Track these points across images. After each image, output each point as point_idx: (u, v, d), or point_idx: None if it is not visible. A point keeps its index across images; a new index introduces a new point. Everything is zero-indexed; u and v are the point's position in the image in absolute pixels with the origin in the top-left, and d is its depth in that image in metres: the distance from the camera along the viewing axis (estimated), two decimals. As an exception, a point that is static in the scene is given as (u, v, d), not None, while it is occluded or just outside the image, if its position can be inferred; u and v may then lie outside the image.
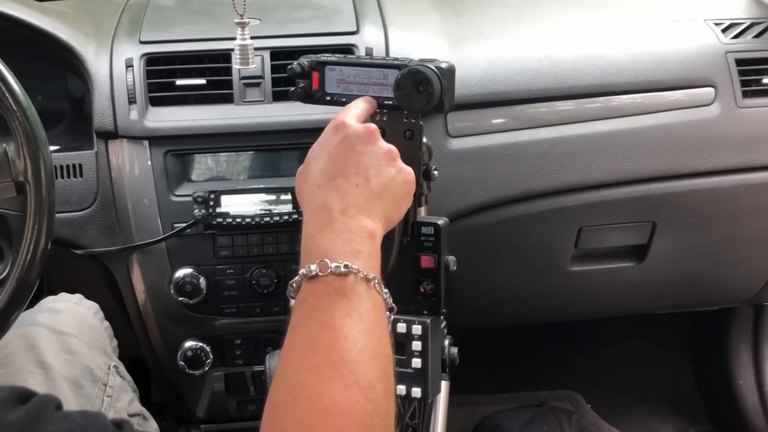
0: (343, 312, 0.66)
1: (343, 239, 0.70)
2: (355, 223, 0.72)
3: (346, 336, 0.64)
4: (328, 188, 0.74)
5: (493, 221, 1.31)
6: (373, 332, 0.66)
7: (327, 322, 0.65)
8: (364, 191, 0.74)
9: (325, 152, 0.77)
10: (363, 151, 0.76)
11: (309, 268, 0.68)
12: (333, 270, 0.67)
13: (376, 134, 0.79)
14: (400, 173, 0.79)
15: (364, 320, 0.66)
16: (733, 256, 1.47)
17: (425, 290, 0.96)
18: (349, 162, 0.75)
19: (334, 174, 0.74)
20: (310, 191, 0.75)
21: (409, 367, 0.96)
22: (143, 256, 1.23)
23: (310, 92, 0.94)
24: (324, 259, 0.68)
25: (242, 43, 1.02)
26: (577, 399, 1.89)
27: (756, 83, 1.34)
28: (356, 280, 0.67)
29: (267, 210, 1.20)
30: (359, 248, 0.70)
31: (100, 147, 1.23)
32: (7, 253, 0.97)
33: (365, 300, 0.67)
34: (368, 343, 0.65)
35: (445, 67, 0.88)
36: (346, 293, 0.67)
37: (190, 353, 1.27)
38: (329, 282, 0.67)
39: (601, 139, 1.29)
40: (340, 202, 0.73)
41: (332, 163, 0.75)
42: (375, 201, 0.75)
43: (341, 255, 0.68)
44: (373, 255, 0.71)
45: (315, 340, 0.64)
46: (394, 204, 0.78)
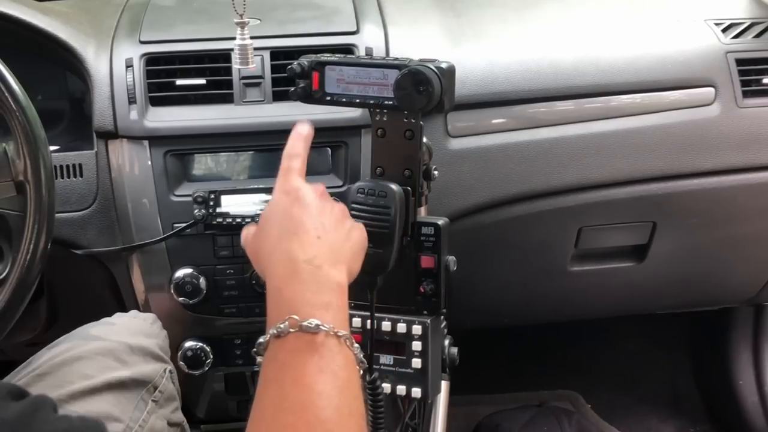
0: (315, 368, 0.64)
1: (312, 291, 0.69)
2: (322, 273, 0.71)
3: (320, 393, 0.62)
4: (290, 241, 0.72)
5: (493, 221, 1.31)
6: (347, 389, 0.64)
7: (299, 379, 0.63)
8: (325, 242, 0.74)
9: (280, 214, 0.76)
10: (319, 209, 0.77)
11: (279, 327, 0.66)
12: (303, 327, 0.65)
13: (326, 194, 0.81)
14: (355, 229, 0.81)
15: (337, 376, 0.64)
16: (733, 256, 1.47)
17: (425, 290, 0.96)
18: (306, 220, 0.75)
19: (293, 229, 0.74)
20: (271, 247, 0.74)
21: (409, 367, 0.96)
22: (143, 256, 1.23)
23: (310, 92, 0.94)
24: (293, 316, 0.66)
25: (242, 43, 1.02)
26: (577, 399, 1.89)
27: (756, 83, 1.34)
28: (327, 336, 0.66)
29: (267, 210, 1.20)
30: (329, 300, 0.69)
31: (100, 147, 1.23)
32: (7, 252, 0.97)
33: (337, 355, 0.65)
34: (343, 400, 0.63)
35: (445, 67, 0.88)
36: (318, 348, 0.65)
37: (190, 353, 1.27)
38: (299, 337, 0.65)
39: (601, 139, 1.29)
40: (305, 252, 0.71)
41: (290, 221, 0.75)
42: (338, 252, 0.75)
43: (311, 308, 0.67)
44: (342, 307, 0.70)
45: (288, 398, 0.62)
46: (354, 257, 0.78)
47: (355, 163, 1.22)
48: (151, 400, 0.98)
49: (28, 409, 0.54)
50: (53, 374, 0.93)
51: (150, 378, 0.99)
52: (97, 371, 0.94)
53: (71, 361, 0.94)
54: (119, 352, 0.99)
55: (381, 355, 0.97)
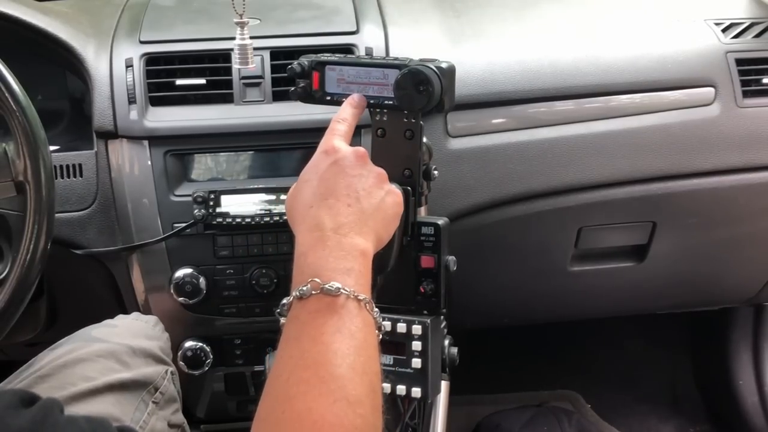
0: (333, 328, 0.66)
1: (335, 257, 0.71)
2: (347, 240, 0.73)
3: (335, 351, 0.65)
4: (320, 208, 0.75)
5: (493, 221, 1.31)
6: (363, 349, 0.67)
7: (317, 338, 0.66)
8: (355, 211, 0.75)
9: (316, 175, 0.78)
10: (353, 174, 0.78)
11: (301, 289, 0.69)
12: (324, 289, 0.68)
13: (366, 157, 0.81)
14: (389, 195, 0.81)
15: (354, 337, 0.67)
16: (733, 256, 1.47)
17: (425, 290, 0.96)
18: (340, 184, 0.77)
19: (325, 195, 0.76)
20: (302, 212, 0.76)
21: (409, 367, 0.96)
22: (143, 256, 1.23)
23: (310, 92, 0.94)
24: (315, 279, 0.68)
25: (242, 42, 1.02)
26: (577, 399, 1.89)
27: (756, 83, 1.34)
28: (347, 299, 0.68)
29: (267, 210, 1.20)
30: (351, 266, 0.71)
31: (99, 147, 1.23)
32: (7, 252, 0.97)
33: (355, 318, 0.68)
34: (357, 359, 0.65)
35: (445, 66, 0.88)
36: (337, 310, 0.67)
37: (190, 353, 1.27)
38: (320, 299, 0.68)
39: (601, 138, 1.29)
40: (333, 220, 0.74)
41: (324, 185, 0.77)
42: (367, 220, 0.76)
43: (333, 273, 0.69)
44: (364, 273, 0.72)
45: (305, 355, 0.65)
46: (384, 224, 0.80)
47: (355, 163, 1.22)
48: (152, 401, 0.98)
49: (39, 416, 0.54)
50: (55, 376, 0.93)
51: (151, 379, 0.99)
52: (98, 373, 0.94)
53: (73, 363, 0.95)
54: (121, 354, 0.99)
55: (381, 354, 0.97)
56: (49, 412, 0.55)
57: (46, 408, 0.56)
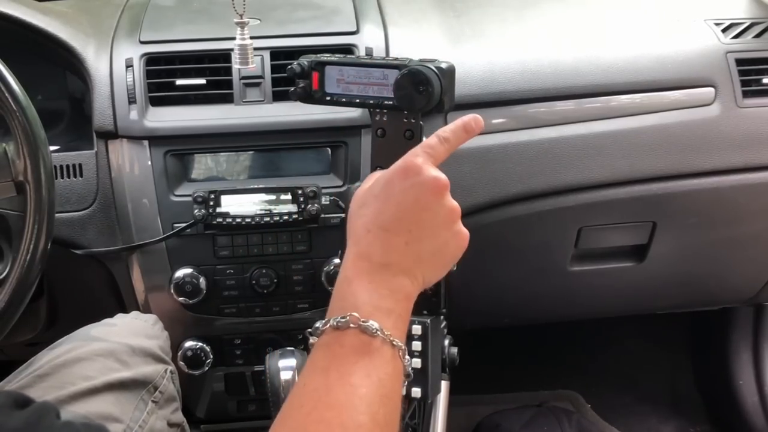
0: (363, 371, 0.64)
1: (379, 294, 0.68)
2: (396, 281, 0.69)
3: (362, 398, 0.62)
4: (376, 236, 0.70)
5: (493, 221, 1.31)
6: (389, 399, 0.64)
7: (346, 377, 0.63)
8: (412, 252, 0.70)
9: (386, 196, 0.71)
10: (425, 207, 0.71)
11: (339, 320, 0.65)
12: (362, 327, 0.65)
13: (445, 190, 0.73)
14: (455, 238, 0.74)
15: (382, 385, 0.64)
16: (733, 256, 1.47)
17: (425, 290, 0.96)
18: (406, 216, 0.70)
19: (387, 225, 0.70)
20: (359, 233, 0.71)
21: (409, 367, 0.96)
22: (143, 256, 1.23)
23: (310, 92, 0.94)
24: (355, 313, 0.65)
25: (242, 42, 1.02)
26: (577, 399, 1.89)
27: (756, 83, 1.34)
28: (383, 343, 0.65)
29: (267, 210, 1.20)
30: (392, 308, 0.68)
31: (100, 147, 1.23)
32: (7, 252, 0.97)
33: (387, 364, 0.65)
34: (381, 409, 0.63)
35: (445, 67, 0.88)
36: (371, 352, 0.65)
37: (190, 353, 1.27)
38: (357, 335, 0.65)
39: (601, 139, 1.29)
40: (384, 255, 0.69)
41: (389, 211, 0.70)
42: (421, 264, 0.71)
43: (374, 311, 0.66)
44: (404, 318, 0.69)
45: (330, 393, 0.62)
46: (439, 268, 0.74)
47: (355, 163, 1.22)
48: (151, 400, 0.98)
49: (33, 418, 0.54)
50: (54, 375, 0.93)
51: (150, 378, 0.99)
52: (98, 372, 0.94)
53: (72, 363, 0.94)
54: (120, 353, 0.99)
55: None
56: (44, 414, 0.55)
57: (41, 411, 0.55)
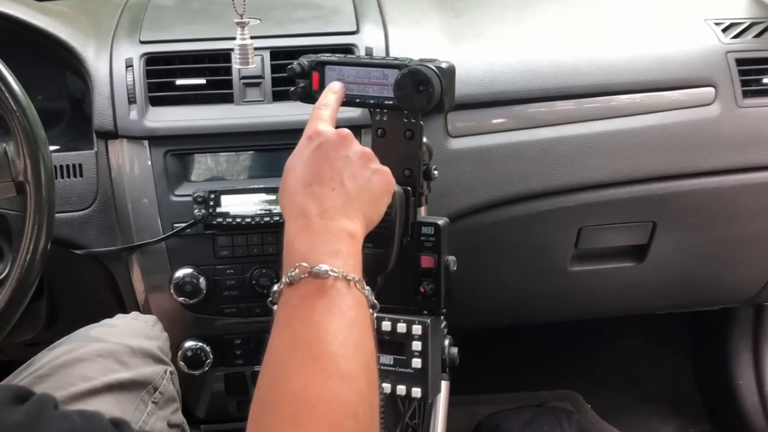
0: (324, 309, 0.67)
1: (322, 240, 0.71)
2: (333, 224, 0.73)
3: (327, 330, 0.65)
4: (305, 195, 0.75)
5: (493, 221, 1.31)
6: (355, 326, 0.67)
7: (308, 319, 0.66)
8: (340, 194, 0.75)
9: (300, 162, 0.78)
10: (337, 157, 0.77)
11: (290, 275, 0.69)
12: (312, 272, 0.68)
13: (350, 138, 0.80)
14: (376, 174, 0.80)
15: (345, 315, 0.67)
16: (733, 256, 1.47)
17: (425, 290, 0.96)
18: (323, 168, 0.76)
19: (309, 181, 0.76)
20: (289, 200, 0.76)
21: (409, 367, 0.96)
22: (143, 256, 1.23)
23: (310, 92, 0.94)
24: (302, 263, 0.69)
25: (242, 42, 1.02)
26: (577, 399, 1.89)
27: (756, 83, 1.34)
28: (336, 280, 0.68)
29: (267, 210, 1.20)
30: (338, 248, 0.71)
31: (100, 147, 1.23)
32: (7, 253, 0.97)
33: (346, 297, 0.68)
34: (350, 336, 0.66)
35: (445, 67, 0.88)
36: (327, 291, 0.67)
37: (190, 353, 1.27)
38: (309, 282, 0.68)
39: (601, 138, 1.29)
40: (317, 206, 0.74)
41: (307, 171, 0.77)
42: (353, 202, 0.76)
43: (320, 256, 0.69)
44: (353, 254, 0.72)
45: (296, 336, 0.65)
46: (372, 204, 0.79)
47: (355, 163, 1.22)
48: (151, 401, 0.98)
49: (33, 411, 0.54)
50: (54, 376, 0.93)
51: (150, 379, 0.99)
52: (97, 373, 0.94)
53: (72, 363, 0.94)
54: (120, 354, 0.99)
55: (381, 355, 0.97)
56: (44, 407, 0.55)
57: (40, 403, 0.56)
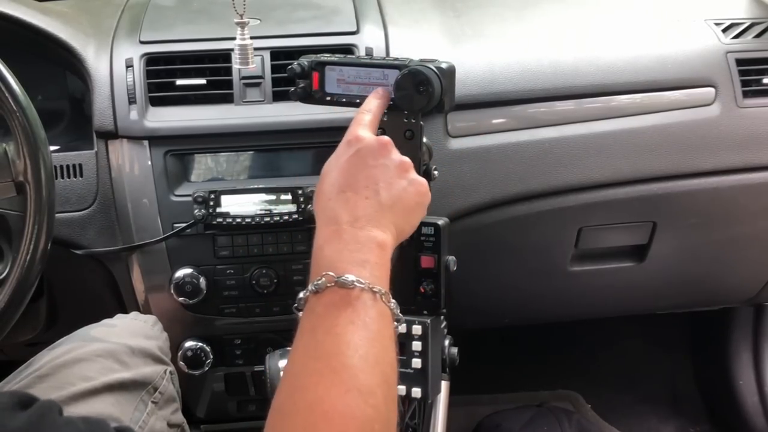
0: (347, 320, 0.66)
1: (350, 249, 0.71)
2: (364, 234, 0.72)
3: (348, 343, 0.65)
4: (337, 201, 0.75)
5: (493, 221, 1.31)
6: (377, 340, 0.67)
7: (331, 329, 0.66)
8: (373, 203, 0.75)
9: (337, 167, 0.78)
10: (374, 165, 0.77)
11: (316, 283, 0.69)
12: (339, 282, 0.68)
13: (389, 146, 0.79)
14: (412, 185, 0.79)
15: (368, 328, 0.66)
16: (733, 256, 1.47)
17: (425, 290, 0.96)
18: (359, 175, 0.76)
19: (343, 187, 0.75)
20: (322, 205, 0.76)
21: (409, 367, 0.96)
22: (143, 256, 1.23)
23: (310, 92, 0.94)
24: (329, 272, 0.68)
25: (242, 43, 1.02)
26: (577, 399, 1.89)
27: (756, 83, 1.34)
28: (362, 291, 0.68)
29: (267, 210, 1.20)
30: (366, 258, 0.70)
31: (100, 147, 1.23)
32: (7, 253, 0.97)
33: (370, 309, 0.68)
34: (370, 350, 0.65)
35: (445, 67, 0.88)
36: (352, 302, 0.67)
37: (190, 353, 1.27)
38: (335, 291, 0.68)
39: (601, 139, 1.29)
40: (349, 214, 0.73)
41: (343, 177, 0.76)
42: (385, 213, 0.75)
43: (348, 265, 0.69)
44: (381, 265, 0.71)
45: (318, 347, 0.65)
46: (406, 215, 0.79)
47: (355, 163, 1.22)
48: (151, 401, 0.98)
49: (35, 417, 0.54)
50: (54, 376, 0.93)
51: (150, 379, 0.99)
52: (97, 373, 0.94)
53: (72, 363, 0.94)
54: (120, 354, 0.99)
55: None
56: (47, 412, 0.55)
57: (43, 409, 0.56)
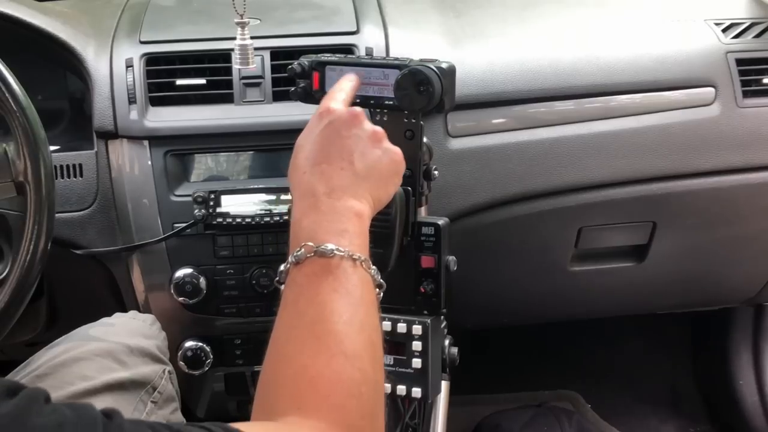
0: (329, 288, 0.67)
1: (328, 220, 0.71)
2: (341, 204, 0.72)
3: (332, 310, 0.65)
4: (312, 174, 0.75)
5: (493, 221, 1.31)
6: (360, 306, 0.67)
7: (313, 298, 0.66)
8: (348, 174, 0.75)
9: (310, 140, 0.78)
10: (347, 135, 0.77)
11: (296, 254, 0.69)
12: (318, 251, 0.68)
13: (361, 117, 0.79)
14: (386, 154, 0.79)
15: (350, 294, 0.67)
16: (733, 256, 1.47)
17: (425, 290, 0.96)
18: (333, 147, 0.76)
19: (318, 160, 0.75)
20: (297, 179, 0.76)
21: (409, 367, 0.96)
22: (143, 256, 1.23)
23: (311, 92, 0.94)
24: (308, 242, 0.69)
25: (242, 43, 1.02)
26: (577, 399, 1.89)
27: (756, 83, 1.34)
28: (342, 259, 0.68)
29: (267, 210, 1.20)
30: (345, 227, 0.71)
31: (100, 147, 1.23)
32: (7, 253, 0.97)
33: (351, 276, 0.68)
34: (354, 315, 0.66)
35: (445, 67, 0.88)
36: (332, 270, 0.67)
37: (190, 353, 1.27)
38: (315, 261, 0.68)
39: (601, 139, 1.29)
40: (325, 185, 0.73)
41: (317, 150, 0.76)
42: (361, 182, 0.75)
43: (326, 235, 0.69)
44: (359, 233, 0.72)
45: (301, 316, 0.66)
46: (382, 184, 0.79)
47: (355, 163, 1.22)
48: (150, 401, 0.98)
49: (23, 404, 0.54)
50: (52, 375, 0.93)
51: (149, 379, 0.99)
52: (96, 372, 0.94)
53: (70, 362, 0.94)
54: (118, 353, 0.98)
55: (381, 354, 0.97)
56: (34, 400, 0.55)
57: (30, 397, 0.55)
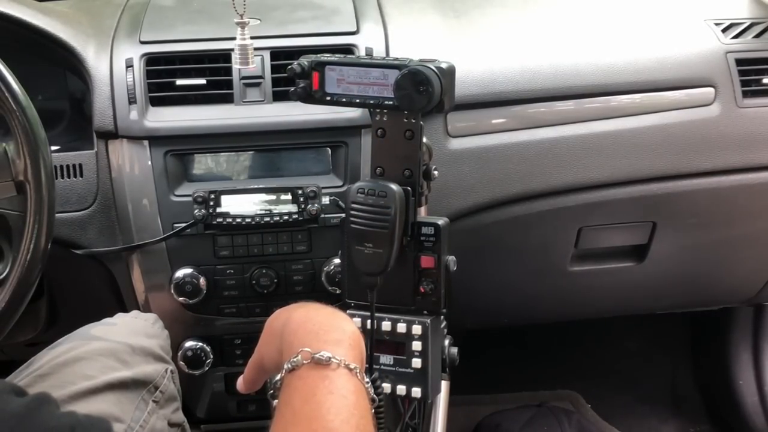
0: (325, 390, 0.66)
1: (325, 330, 0.71)
2: (336, 320, 0.73)
3: (329, 408, 0.64)
4: (306, 310, 0.75)
5: (493, 221, 1.31)
6: (356, 408, 0.66)
7: (309, 398, 0.65)
8: (339, 315, 0.75)
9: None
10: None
11: (292, 361, 0.68)
12: (315, 359, 0.67)
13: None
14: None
15: (346, 398, 0.66)
16: (732, 256, 1.47)
17: (425, 290, 0.96)
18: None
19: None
20: (294, 327, 0.75)
21: (409, 367, 0.96)
22: (143, 256, 1.23)
23: (310, 92, 0.94)
24: (305, 349, 0.68)
25: (242, 43, 1.02)
26: (577, 399, 1.89)
27: (756, 83, 1.34)
28: (339, 367, 0.68)
29: (267, 210, 1.20)
30: (341, 338, 0.71)
31: (100, 147, 1.23)
32: (7, 252, 0.97)
33: (347, 383, 0.67)
34: (351, 417, 0.64)
35: (445, 67, 0.88)
36: (328, 376, 0.67)
37: (190, 353, 1.27)
38: (312, 368, 0.67)
39: (601, 139, 1.29)
40: (317, 314, 0.74)
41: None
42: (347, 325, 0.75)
43: (323, 343, 0.69)
44: (354, 346, 0.71)
45: (296, 414, 0.64)
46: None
47: (355, 163, 1.22)
48: (152, 400, 0.98)
49: (33, 404, 0.54)
50: (54, 375, 0.93)
51: (151, 378, 0.99)
52: (98, 372, 0.94)
53: (72, 362, 0.94)
54: (120, 353, 0.98)
55: (381, 355, 0.97)
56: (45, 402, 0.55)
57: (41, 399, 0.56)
